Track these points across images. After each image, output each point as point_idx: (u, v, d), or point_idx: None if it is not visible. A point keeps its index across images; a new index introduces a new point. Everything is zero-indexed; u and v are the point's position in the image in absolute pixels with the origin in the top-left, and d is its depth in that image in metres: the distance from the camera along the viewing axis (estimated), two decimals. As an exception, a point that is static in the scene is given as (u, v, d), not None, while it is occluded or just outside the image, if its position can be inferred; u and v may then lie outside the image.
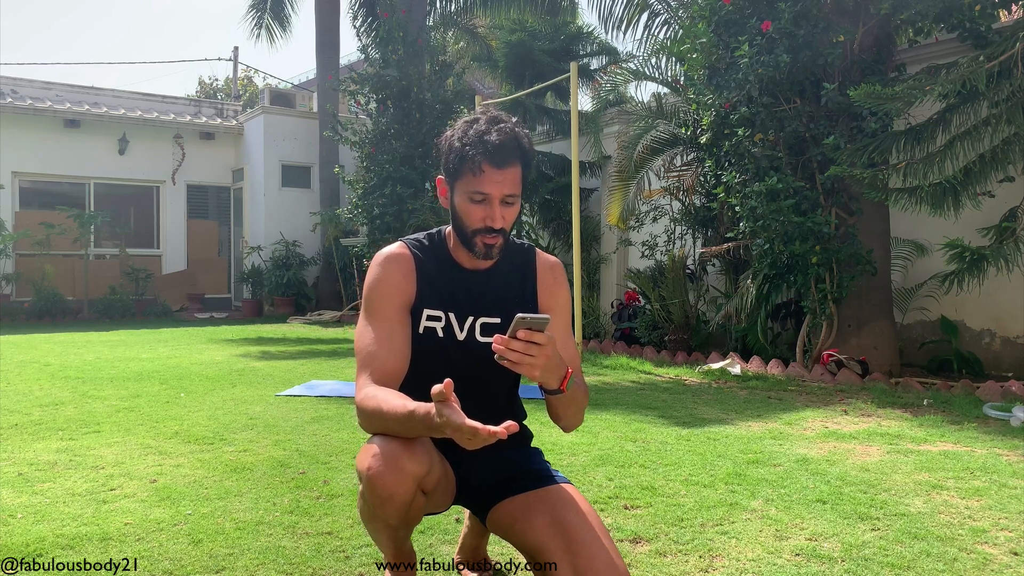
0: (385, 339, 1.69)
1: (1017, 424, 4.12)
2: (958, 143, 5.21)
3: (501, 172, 1.64)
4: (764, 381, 5.71)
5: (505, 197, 1.67)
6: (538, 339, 1.46)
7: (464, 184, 1.67)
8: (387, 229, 10.07)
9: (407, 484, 1.53)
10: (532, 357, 1.46)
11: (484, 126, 1.66)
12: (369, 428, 1.61)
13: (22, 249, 12.44)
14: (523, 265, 1.84)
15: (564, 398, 1.64)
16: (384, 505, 1.55)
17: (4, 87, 13.18)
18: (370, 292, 1.75)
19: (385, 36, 10.31)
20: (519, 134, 1.68)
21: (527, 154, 1.69)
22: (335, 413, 4.43)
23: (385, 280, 1.74)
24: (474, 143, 1.64)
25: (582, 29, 11.04)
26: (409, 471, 1.53)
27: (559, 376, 1.59)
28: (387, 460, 1.52)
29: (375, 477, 1.53)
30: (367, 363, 1.67)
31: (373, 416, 1.57)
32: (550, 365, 1.51)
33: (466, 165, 1.65)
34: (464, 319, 1.76)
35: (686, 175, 7.87)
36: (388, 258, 1.77)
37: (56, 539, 2.34)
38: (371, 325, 1.72)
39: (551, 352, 1.49)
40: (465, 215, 1.69)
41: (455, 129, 1.71)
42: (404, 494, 1.54)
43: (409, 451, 1.53)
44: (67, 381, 5.59)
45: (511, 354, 1.46)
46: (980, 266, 5.10)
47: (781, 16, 5.77)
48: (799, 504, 2.74)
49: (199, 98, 21.37)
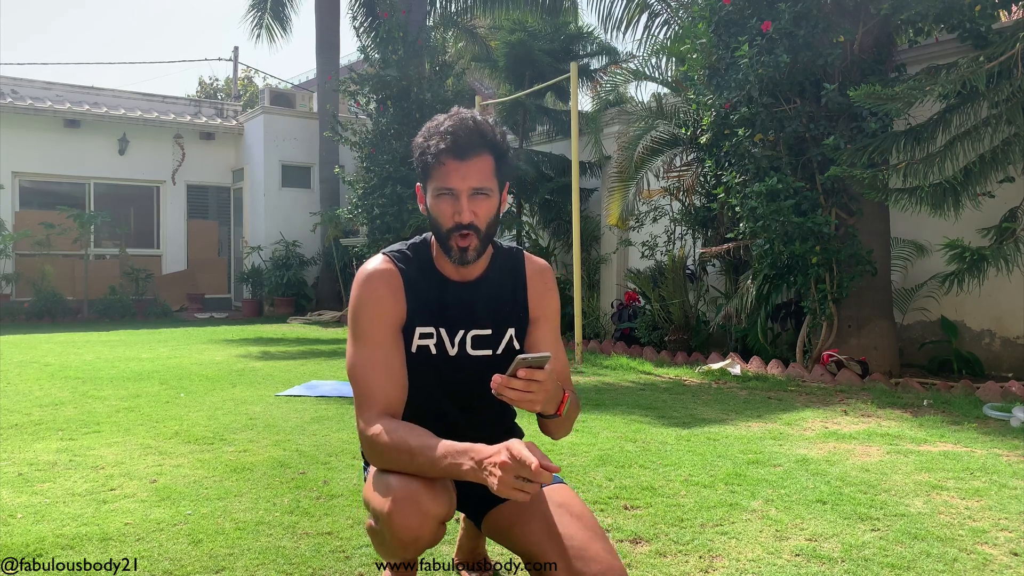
0: (383, 367, 1.61)
1: (1017, 424, 4.12)
2: (958, 143, 5.21)
3: (465, 164, 1.58)
4: (764, 381, 5.71)
5: (474, 190, 1.59)
6: (538, 376, 1.45)
7: (431, 182, 1.62)
8: (387, 229, 10.07)
9: (431, 526, 1.49)
10: (532, 394, 1.46)
11: (443, 120, 1.61)
12: (385, 465, 1.55)
13: (22, 249, 12.44)
14: (512, 271, 1.78)
15: (558, 420, 1.65)
16: (407, 548, 1.52)
17: (4, 87, 13.18)
18: (357, 314, 1.65)
19: (385, 36, 10.31)
20: (481, 123, 1.61)
21: (496, 144, 1.62)
22: (335, 413, 4.43)
23: (372, 300, 1.64)
24: (433, 137, 1.60)
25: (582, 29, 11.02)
26: (432, 514, 1.48)
27: (556, 402, 1.58)
28: (410, 504, 1.46)
29: (397, 523, 1.47)
30: (369, 396, 1.60)
31: (395, 453, 1.51)
32: (549, 398, 1.52)
33: (429, 162, 1.60)
34: (455, 333, 1.70)
35: (686, 175, 7.87)
36: (372, 275, 1.66)
37: (56, 539, 2.34)
38: (364, 351, 1.62)
39: (550, 387, 1.49)
40: (437, 215, 1.62)
41: (421, 129, 1.66)
42: (429, 536, 1.50)
43: (431, 492, 1.48)
44: (67, 381, 5.59)
45: (511, 392, 1.45)
46: (980, 266, 5.10)
47: (781, 16, 5.77)
48: (799, 504, 2.74)
49: (199, 98, 21.37)
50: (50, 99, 13.30)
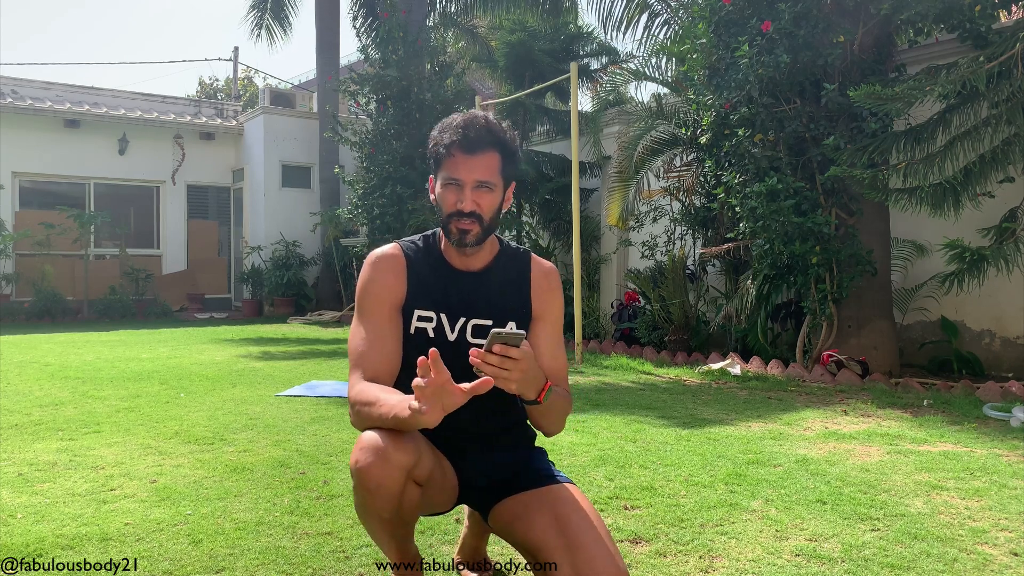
0: (377, 340, 1.73)
1: (1017, 424, 4.12)
2: (958, 143, 5.21)
3: (472, 157, 1.68)
4: (764, 381, 5.71)
5: (478, 183, 1.69)
6: (513, 354, 1.50)
7: (440, 172, 1.73)
8: (387, 229, 10.08)
9: (394, 473, 1.54)
10: (507, 371, 1.51)
11: (458, 117, 1.73)
12: (360, 424, 1.63)
13: (22, 249, 12.44)
14: (519, 270, 1.85)
15: (540, 408, 1.68)
16: (373, 496, 1.56)
17: (4, 87, 13.18)
18: (362, 292, 1.78)
19: (385, 36, 10.31)
20: (492, 122, 1.72)
21: (504, 142, 1.73)
22: (335, 413, 4.43)
23: (376, 280, 1.77)
24: (446, 131, 1.71)
25: (582, 29, 11.02)
26: (396, 460, 1.53)
27: (536, 388, 1.63)
28: (374, 451, 1.54)
29: (363, 469, 1.54)
30: (358, 364, 1.71)
31: (366, 408, 1.59)
32: (526, 379, 1.55)
33: (440, 153, 1.71)
34: (455, 320, 1.78)
35: (686, 175, 7.88)
36: (379, 258, 1.80)
37: (56, 539, 2.34)
38: (363, 326, 1.75)
39: (526, 367, 1.53)
40: (442, 202, 1.73)
41: (436, 126, 1.78)
42: (392, 484, 1.54)
43: (395, 441, 1.54)
44: (67, 381, 5.59)
45: (486, 367, 1.50)
46: (980, 266, 5.10)
47: (781, 16, 5.77)
48: (799, 504, 2.74)
49: (199, 98, 21.38)
50: (50, 99, 13.30)
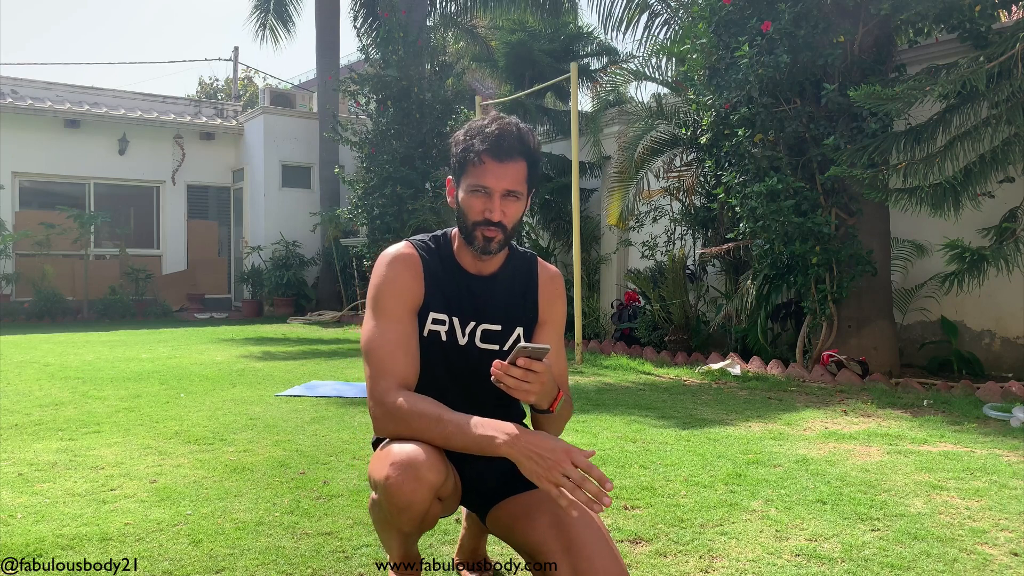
0: (402, 343, 1.68)
1: (1017, 424, 4.12)
2: (958, 143, 5.21)
3: (502, 166, 1.66)
4: (764, 381, 5.71)
5: (507, 192, 1.67)
6: (536, 367, 1.52)
7: (467, 178, 1.69)
8: (387, 229, 10.08)
9: (425, 493, 1.53)
10: (528, 384, 1.52)
11: (488, 122, 1.70)
12: (405, 434, 1.58)
13: (22, 249, 12.44)
14: (526, 273, 1.85)
15: (551, 417, 1.70)
16: (402, 514, 1.56)
17: (4, 87, 13.18)
18: (380, 291, 1.72)
19: (385, 36, 10.31)
20: (523, 131, 1.70)
21: (532, 153, 1.70)
22: (335, 413, 4.43)
23: (395, 280, 1.73)
24: (476, 136, 1.68)
25: (582, 29, 11.03)
26: (427, 480, 1.52)
27: (551, 398, 1.65)
28: (407, 469, 1.52)
29: (393, 487, 1.52)
30: (386, 369, 1.65)
31: (423, 422, 1.55)
32: (544, 391, 1.58)
33: (468, 159, 1.68)
34: (467, 324, 1.77)
35: (686, 175, 7.88)
36: (397, 258, 1.76)
37: (56, 539, 2.34)
38: (384, 327, 1.69)
39: (546, 380, 1.55)
40: (467, 209, 1.70)
41: (463, 128, 1.74)
42: (422, 503, 1.54)
43: (429, 460, 1.53)
44: (67, 381, 5.59)
45: (509, 380, 1.51)
46: (980, 266, 5.10)
47: (781, 16, 5.77)
48: (799, 504, 2.74)
49: (199, 98, 21.38)
50: (50, 99, 13.30)
